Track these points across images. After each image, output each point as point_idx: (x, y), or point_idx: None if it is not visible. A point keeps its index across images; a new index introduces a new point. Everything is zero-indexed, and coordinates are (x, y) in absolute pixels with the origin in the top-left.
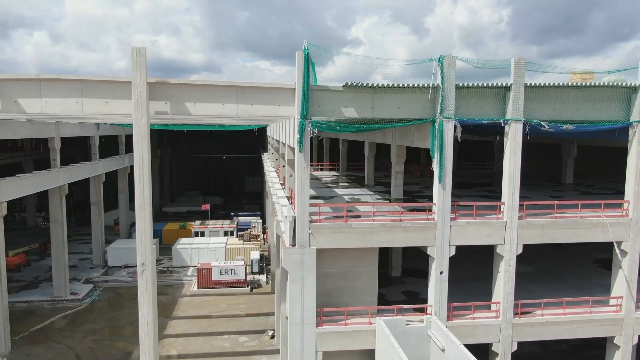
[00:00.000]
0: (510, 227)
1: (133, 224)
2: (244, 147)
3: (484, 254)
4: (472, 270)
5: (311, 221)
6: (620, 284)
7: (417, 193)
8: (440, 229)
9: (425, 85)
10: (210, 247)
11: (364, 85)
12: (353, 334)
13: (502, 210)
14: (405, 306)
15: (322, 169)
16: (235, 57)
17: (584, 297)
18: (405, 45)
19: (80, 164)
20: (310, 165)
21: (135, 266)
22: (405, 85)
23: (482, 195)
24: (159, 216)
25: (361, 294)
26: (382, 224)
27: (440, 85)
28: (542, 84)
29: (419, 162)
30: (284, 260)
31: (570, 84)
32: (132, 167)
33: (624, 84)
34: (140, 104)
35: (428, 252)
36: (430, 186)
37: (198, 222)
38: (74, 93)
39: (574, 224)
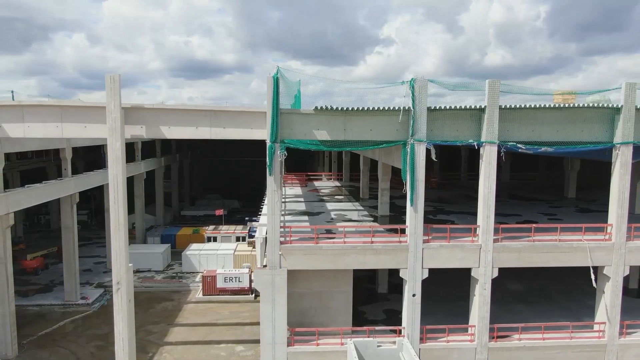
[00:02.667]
0: (485, 250)
1: (149, 229)
2: (264, 150)
3: None
4: (461, 288)
5: (282, 242)
6: (604, 309)
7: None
8: (413, 252)
9: (397, 108)
10: (219, 253)
11: (336, 108)
12: (324, 355)
13: (477, 233)
14: (377, 328)
15: (330, 179)
16: (267, 57)
17: (570, 320)
18: (438, 43)
19: (92, 172)
20: (317, 174)
21: (146, 271)
22: (377, 108)
23: (473, 212)
24: (177, 220)
25: (335, 314)
26: (353, 246)
27: (412, 108)
28: (519, 106)
29: None
30: (255, 280)
31: (550, 105)
32: (147, 172)
33: (607, 105)
34: (115, 128)
35: (401, 275)
36: (425, 200)
37: (211, 227)
38: (54, 118)
39: (552, 248)
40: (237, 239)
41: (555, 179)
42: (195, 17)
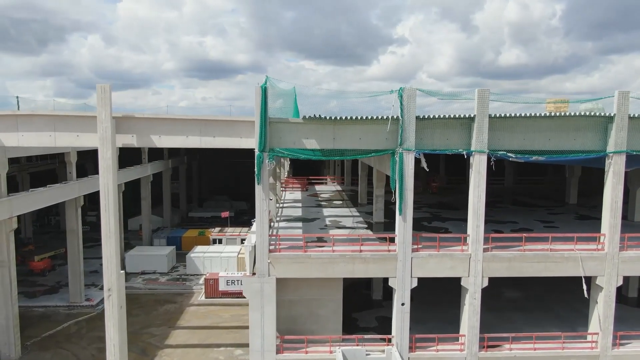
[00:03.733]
0: (474, 259)
1: (155, 230)
2: None
3: None
4: (454, 296)
5: (271, 250)
6: (597, 320)
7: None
8: (401, 261)
9: (386, 117)
10: (222, 256)
11: (325, 117)
12: None
13: (467, 242)
14: (366, 336)
15: (334, 182)
16: (280, 57)
17: (565, 330)
18: (452, 43)
19: (97, 175)
20: (321, 178)
21: (151, 273)
22: (366, 117)
23: None
24: (185, 221)
25: (325, 322)
26: (342, 255)
27: (400, 117)
28: (509, 114)
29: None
30: (244, 288)
31: (542, 113)
32: (154, 175)
33: (600, 114)
34: (105, 138)
35: (390, 284)
36: (423, 206)
37: (217, 229)
38: (48, 127)
39: (544, 258)
40: (242, 242)
41: (562, 184)
42: (209, 17)
